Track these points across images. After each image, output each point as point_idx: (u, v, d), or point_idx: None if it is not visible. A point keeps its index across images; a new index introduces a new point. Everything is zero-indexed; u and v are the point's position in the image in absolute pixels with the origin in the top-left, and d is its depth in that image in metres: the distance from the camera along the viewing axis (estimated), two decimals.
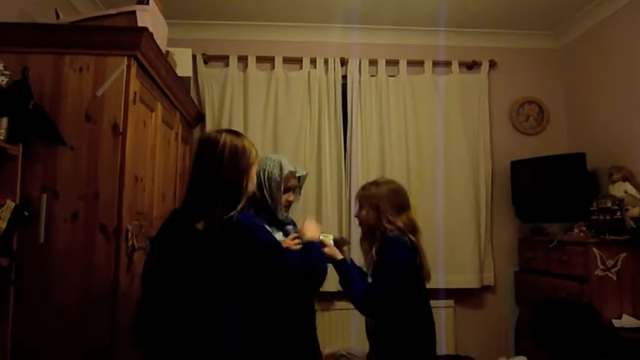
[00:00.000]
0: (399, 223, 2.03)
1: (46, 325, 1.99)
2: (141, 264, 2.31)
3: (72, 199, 2.07)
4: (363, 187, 2.21)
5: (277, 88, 3.68)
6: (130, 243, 2.16)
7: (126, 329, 2.11)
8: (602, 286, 2.75)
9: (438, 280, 3.28)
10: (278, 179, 1.92)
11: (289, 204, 2.02)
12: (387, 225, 2.03)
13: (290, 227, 2.03)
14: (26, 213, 1.99)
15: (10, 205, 1.93)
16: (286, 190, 1.98)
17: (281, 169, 1.93)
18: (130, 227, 2.16)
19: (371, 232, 2.10)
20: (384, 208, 2.05)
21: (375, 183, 2.18)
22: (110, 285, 2.04)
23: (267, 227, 1.94)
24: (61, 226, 2.05)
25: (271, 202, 1.93)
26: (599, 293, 2.75)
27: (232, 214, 1.52)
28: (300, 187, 2.11)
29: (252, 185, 1.62)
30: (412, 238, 2.03)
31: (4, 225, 1.90)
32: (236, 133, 1.64)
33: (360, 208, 2.15)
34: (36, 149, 2.07)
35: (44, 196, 2.05)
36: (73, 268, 2.03)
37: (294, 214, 2.18)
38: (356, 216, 2.18)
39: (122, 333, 2.07)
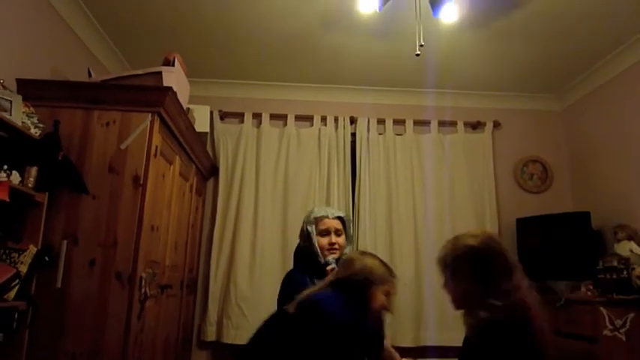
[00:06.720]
0: (497, 303, 1.30)
1: None
2: (152, 312, 2.37)
3: (91, 246, 2.15)
4: (443, 246, 1.53)
5: (289, 144, 3.83)
6: (142, 290, 2.21)
7: None
8: (612, 346, 2.71)
9: (440, 338, 3.21)
10: (311, 222, 2.10)
11: (332, 247, 2.07)
12: (479, 307, 1.33)
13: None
14: (47, 258, 2.06)
15: (33, 250, 2.02)
16: (324, 234, 2.08)
17: (309, 214, 2.14)
18: (144, 275, 2.22)
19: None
20: (471, 280, 1.39)
21: (455, 238, 1.51)
22: (122, 332, 2.08)
23: (314, 280, 1.97)
24: (78, 272, 2.12)
25: (310, 248, 2.06)
26: (610, 354, 2.70)
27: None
28: (346, 230, 2.15)
29: (375, 303, 1.66)
30: (523, 315, 1.32)
31: (24, 269, 1.98)
32: (362, 253, 1.84)
33: (444, 280, 1.51)
34: (60, 197, 2.17)
35: (64, 243, 2.14)
36: (87, 313, 2.08)
37: None
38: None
39: None
